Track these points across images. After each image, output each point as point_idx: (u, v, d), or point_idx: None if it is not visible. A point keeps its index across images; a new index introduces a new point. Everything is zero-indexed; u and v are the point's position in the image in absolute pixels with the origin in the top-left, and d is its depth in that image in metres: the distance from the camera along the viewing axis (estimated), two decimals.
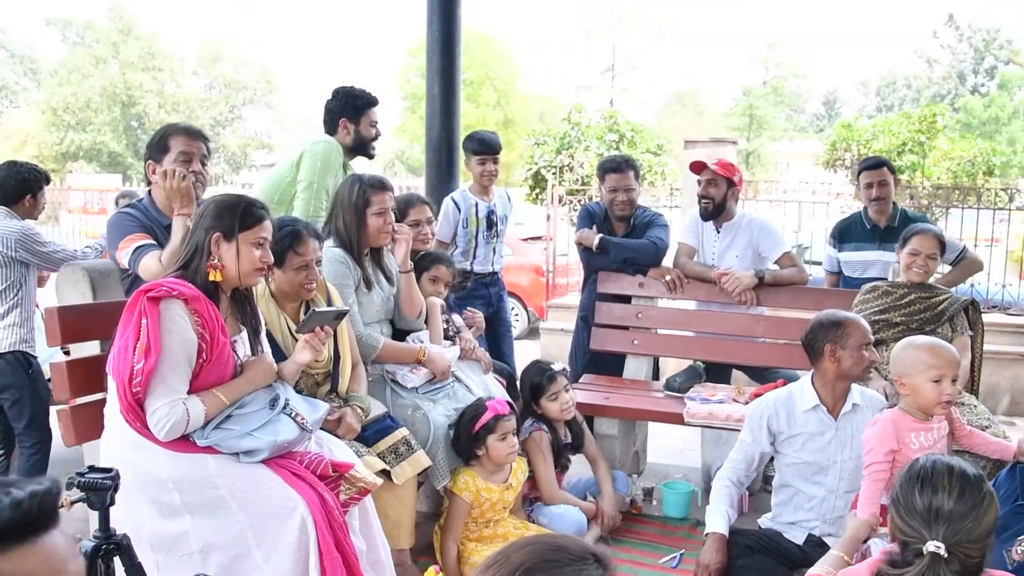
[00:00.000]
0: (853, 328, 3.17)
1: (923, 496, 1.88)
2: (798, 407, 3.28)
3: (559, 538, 1.30)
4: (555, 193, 9.42)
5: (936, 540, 1.81)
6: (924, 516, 1.86)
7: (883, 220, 4.65)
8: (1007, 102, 38.47)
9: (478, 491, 3.51)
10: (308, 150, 4.01)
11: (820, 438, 3.24)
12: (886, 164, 4.71)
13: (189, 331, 2.50)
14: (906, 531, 1.89)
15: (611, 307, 4.89)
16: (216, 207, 2.65)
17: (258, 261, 2.67)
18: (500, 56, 33.46)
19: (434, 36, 4.75)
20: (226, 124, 37.05)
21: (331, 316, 2.95)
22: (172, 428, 2.47)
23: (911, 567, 1.84)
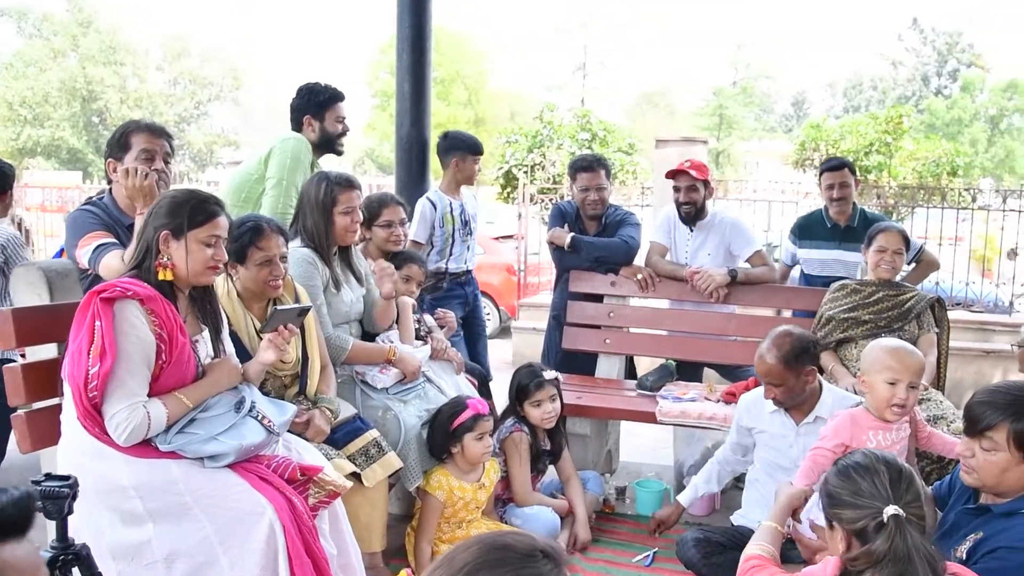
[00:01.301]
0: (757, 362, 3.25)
1: (863, 478, 1.98)
2: (765, 408, 3.38)
3: (507, 535, 1.26)
4: (526, 192, 9.41)
5: (891, 505, 1.90)
6: (871, 491, 1.94)
7: (843, 220, 4.71)
8: (969, 104, 39.10)
9: (451, 490, 3.48)
10: (277, 147, 3.95)
11: (782, 441, 3.33)
12: (847, 165, 4.76)
13: (146, 332, 2.44)
14: (857, 515, 1.93)
15: (583, 306, 4.87)
16: (166, 204, 2.58)
17: (209, 259, 2.59)
18: (471, 54, 33.41)
19: (404, 33, 4.70)
20: (191, 121, 36.45)
21: (294, 314, 2.89)
22: (133, 433, 2.41)
23: (878, 540, 1.88)
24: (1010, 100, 39.36)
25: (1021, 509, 2.29)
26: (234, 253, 3.00)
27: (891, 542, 1.87)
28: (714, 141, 38.37)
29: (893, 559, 1.86)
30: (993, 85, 40.57)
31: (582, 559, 3.68)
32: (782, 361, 3.16)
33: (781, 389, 3.21)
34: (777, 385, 3.21)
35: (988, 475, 2.32)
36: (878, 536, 1.89)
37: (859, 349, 3.98)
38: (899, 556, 1.86)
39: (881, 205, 9.61)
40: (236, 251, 3.00)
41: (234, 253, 3.00)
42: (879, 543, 1.88)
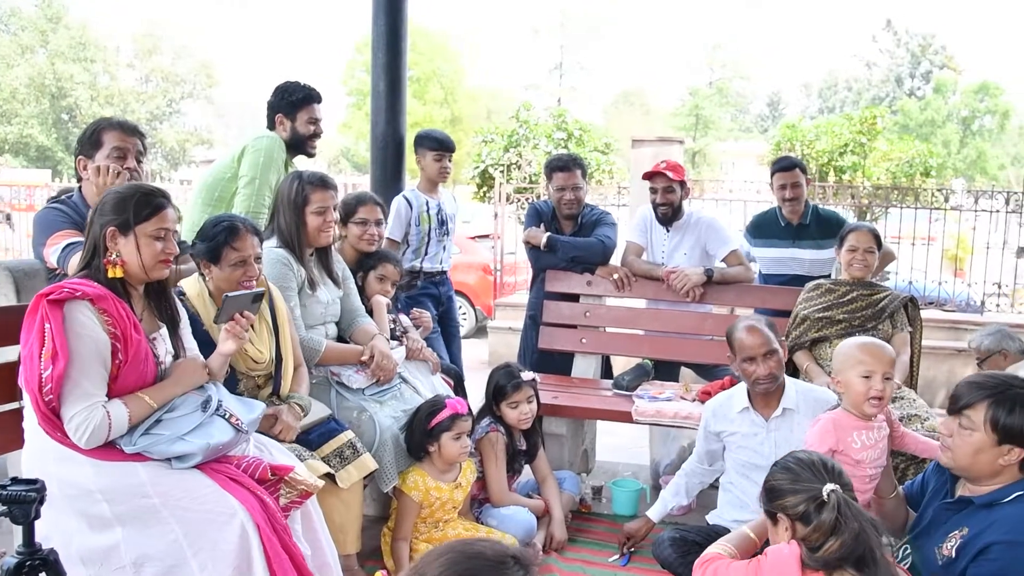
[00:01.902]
0: (737, 344, 3.31)
1: (800, 467, 2.19)
2: (734, 408, 3.41)
3: (477, 543, 1.28)
4: (503, 191, 9.40)
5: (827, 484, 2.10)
6: (809, 477, 2.14)
7: (796, 218, 4.75)
8: (942, 105, 39.55)
9: (427, 490, 3.46)
10: (251, 145, 3.91)
11: (753, 439, 3.34)
12: (798, 165, 4.79)
13: (99, 332, 2.40)
14: (800, 499, 2.12)
15: (559, 306, 4.87)
16: (111, 200, 2.53)
17: (160, 253, 2.55)
18: (447, 53, 33.32)
19: (380, 31, 4.66)
20: (163, 118, 36.08)
21: (248, 300, 2.83)
22: (93, 434, 2.37)
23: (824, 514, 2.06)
24: (981, 102, 39.86)
25: (1001, 499, 2.32)
26: (208, 253, 2.98)
27: (837, 511, 2.05)
28: (690, 141, 38.55)
29: (845, 525, 2.04)
30: (965, 87, 41.07)
31: (558, 559, 3.68)
32: (772, 328, 3.31)
33: (775, 359, 3.27)
34: (773, 353, 3.26)
35: (962, 455, 2.38)
36: (823, 511, 2.07)
37: (833, 348, 4.00)
38: (848, 521, 2.04)
39: (855, 205, 9.69)
40: (210, 251, 2.97)
41: (208, 253, 2.98)
42: (825, 515, 2.06)
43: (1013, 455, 2.31)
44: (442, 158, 4.72)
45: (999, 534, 2.25)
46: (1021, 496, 2.30)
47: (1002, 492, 2.33)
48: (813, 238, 4.67)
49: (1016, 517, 2.27)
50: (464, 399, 4.19)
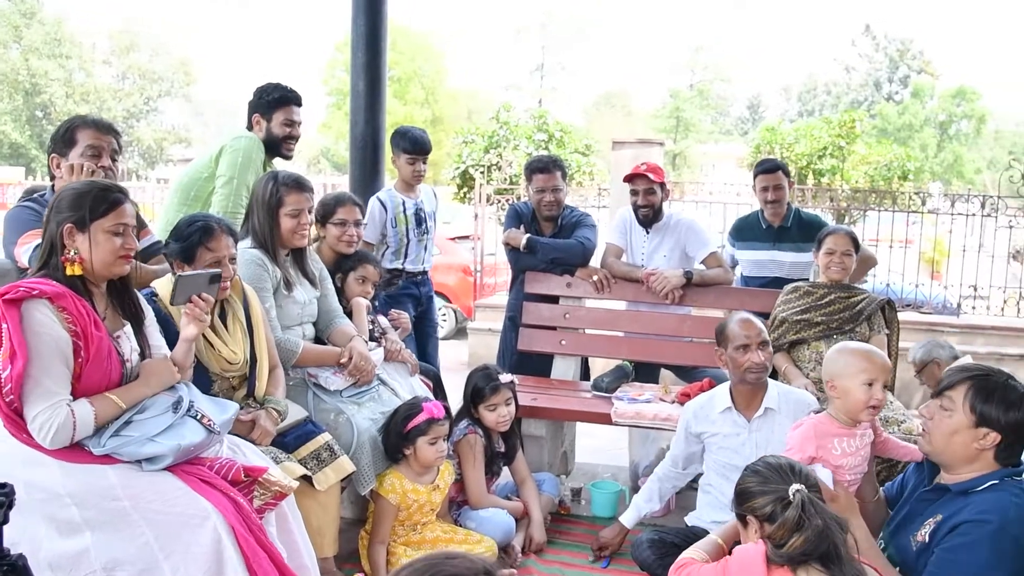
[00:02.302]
0: (729, 332, 3.32)
1: (768, 471, 2.25)
2: (715, 408, 3.41)
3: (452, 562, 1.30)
4: (483, 192, 9.38)
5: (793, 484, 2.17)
6: (775, 478, 2.21)
7: (778, 221, 4.75)
8: (919, 110, 39.97)
9: (405, 492, 3.44)
10: (229, 145, 3.88)
11: (735, 439, 3.35)
12: (781, 168, 4.80)
13: (59, 330, 2.36)
14: (767, 500, 2.18)
15: (539, 307, 4.86)
16: (67, 197, 2.50)
17: (119, 249, 2.51)
18: (428, 53, 33.27)
19: (359, 30, 4.63)
20: (140, 116, 35.63)
21: (204, 280, 2.77)
22: (57, 433, 2.34)
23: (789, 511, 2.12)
24: (958, 107, 40.30)
25: (976, 487, 2.36)
26: (182, 253, 2.95)
27: (801, 508, 2.11)
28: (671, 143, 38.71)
29: (808, 523, 2.10)
30: (942, 92, 41.51)
31: (537, 561, 3.67)
32: None
33: (768, 351, 3.31)
34: (766, 344, 3.31)
35: (939, 436, 2.42)
36: (788, 510, 2.13)
37: (811, 351, 4.04)
38: (812, 518, 2.10)
39: (834, 208, 9.76)
40: (185, 251, 2.94)
41: (182, 253, 2.95)
42: (790, 512, 2.12)
43: (988, 440, 2.35)
44: (415, 161, 4.65)
45: (970, 515, 2.30)
46: (995, 485, 2.34)
47: (977, 480, 2.37)
48: (794, 241, 4.68)
49: (989, 501, 2.31)
50: (443, 401, 4.18)
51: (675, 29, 73.78)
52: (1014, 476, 2.37)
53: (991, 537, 2.24)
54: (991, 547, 2.23)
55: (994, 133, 44.44)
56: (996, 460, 2.38)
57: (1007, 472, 2.37)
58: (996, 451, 2.36)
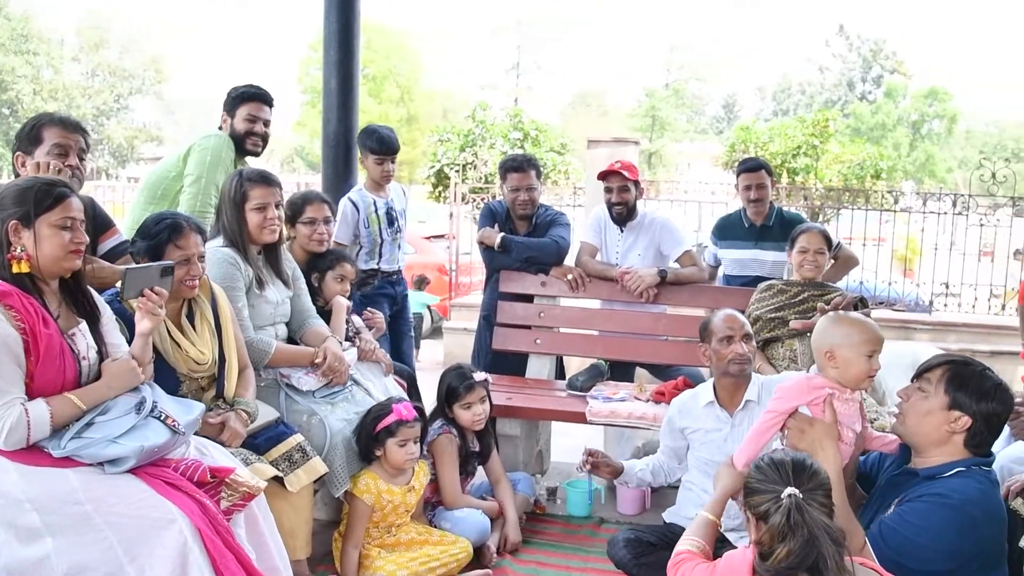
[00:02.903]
0: (712, 326, 3.34)
1: (771, 468, 2.13)
2: (699, 403, 3.42)
3: None
4: (458, 191, 9.36)
5: (789, 487, 2.05)
6: (775, 477, 2.10)
7: (760, 220, 4.77)
8: (892, 109, 40.35)
9: (379, 493, 3.40)
10: (198, 144, 3.84)
11: (717, 434, 3.35)
12: (764, 167, 4.81)
13: (7, 328, 2.31)
14: (763, 499, 2.07)
15: (513, 306, 4.84)
16: (11, 194, 2.45)
17: (68, 243, 2.47)
18: (403, 51, 33.11)
19: (332, 28, 4.58)
20: (111, 114, 34.99)
21: (156, 273, 2.71)
22: (10, 433, 2.29)
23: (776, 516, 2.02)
24: (930, 107, 40.73)
25: (943, 473, 2.39)
26: (150, 251, 2.91)
27: (787, 515, 2.00)
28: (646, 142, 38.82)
29: (793, 532, 1.98)
30: (915, 92, 41.93)
31: (513, 561, 3.65)
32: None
33: (751, 344, 3.34)
34: (750, 337, 3.33)
35: (913, 417, 2.47)
36: (776, 514, 2.02)
37: (785, 348, 4.05)
38: (797, 528, 1.98)
39: (808, 207, 9.82)
40: (153, 248, 2.90)
41: (150, 251, 2.91)
42: (776, 517, 2.01)
43: (959, 423, 2.38)
44: (384, 161, 4.56)
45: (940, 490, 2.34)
46: (962, 471, 2.38)
47: (945, 467, 2.40)
48: (776, 240, 4.68)
49: (953, 483, 2.35)
50: (418, 401, 4.16)
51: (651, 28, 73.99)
52: (983, 466, 2.41)
53: (950, 509, 2.28)
54: (946, 518, 2.28)
55: (965, 133, 44.98)
56: (966, 447, 2.40)
57: (975, 461, 2.40)
58: (967, 437, 2.39)
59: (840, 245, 4.75)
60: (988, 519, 2.30)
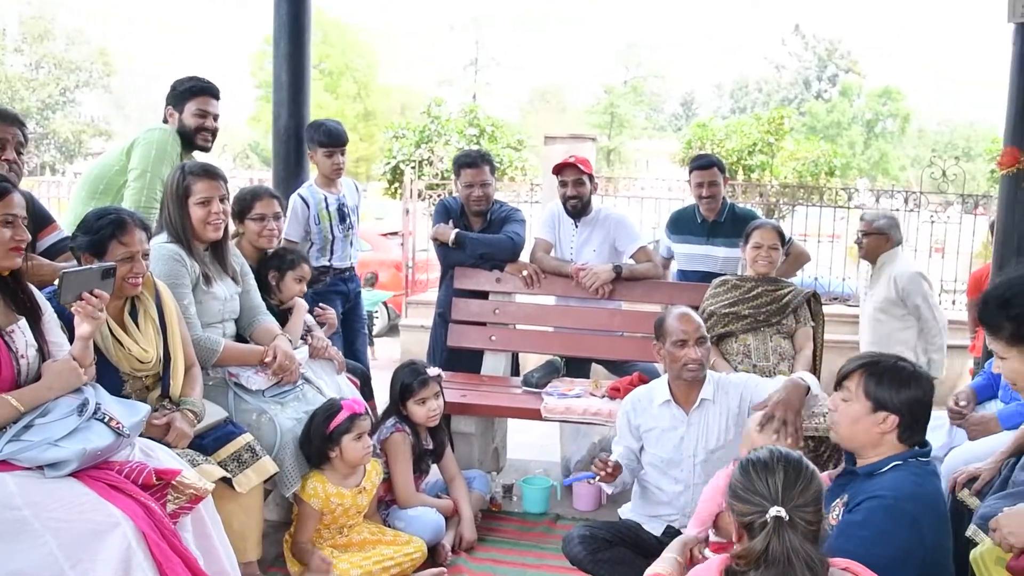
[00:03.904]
0: (668, 328, 3.30)
1: (758, 476, 1.99)
2: (654, 401, 3.39)
3: None
4: (414, 188, 9.29)
5: (776, 505, 1.92)
6: (763, 491, 1.97)
7: (712, 216, 4.79)
8: (847, 108, 40.95)
9: (328, 497, 3.35)
10: (141, 138, 3.75)
11: (673, 433, 3.32)
12: (716, 164, 4.83)
13: None
14: (748, 510, 1.97)
15: (468, 303, 4.81)
16: None
17: (9, 241, 2.42)
18: (360, 46, 32.87)
19: (281, 20, 4.49)
20: (57, 108, 34.02)
21: (96, 276, 2.64)
22: None
23: (757, 540, 1.91)
24: (884, 106, 41.42)
25: (880, 469, 2.41)
26: (92, 246, 2.82)
27: (768, 542, 1.89)
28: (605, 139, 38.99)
29: (770, 561, 1.89)
30: (869, 91, 42.60)
31: (468, 559, 3.63)
32: None
33: (706, 348, 3.30)
34: (704, 340, 3.29)
35: (843, 426, 2.48)
36: (759, 535, 1.92)
37: (739, 343, 4.08)
38: (775, 558, 1.88)
39: (763, 203, 9.91)
40: (94, 244, 2.81)
41: (92, 246, 2.82)
42: (757, 542, 1.91)
43: (888, 423, 2.40)
44: (333, 154, 4.48)
45: (871, 491, 2.35)
46: (898, 465, 2.39)
47: (881, 463, 2.42)
48: (727, 236, 4.70)
49: (888, 480, 2.37)
50: (371, 399, 4.11)
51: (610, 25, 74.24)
52: (920, 456, 2.43)
53: (884, 511, 2.29)
54: (883, 521, 2.28)
55: (918, 132, 45.81)
56: (901, 441, 2.42)
57: (912, 453, 2.42)
58: (899, 432, 2.41)
59: (791, 241, 4.78)
60: (926, 511, 2.32)
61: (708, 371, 3.39)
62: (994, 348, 2.22)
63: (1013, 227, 4.43)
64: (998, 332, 2.18)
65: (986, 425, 3.28)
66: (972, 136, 41.13)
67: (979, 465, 2.94)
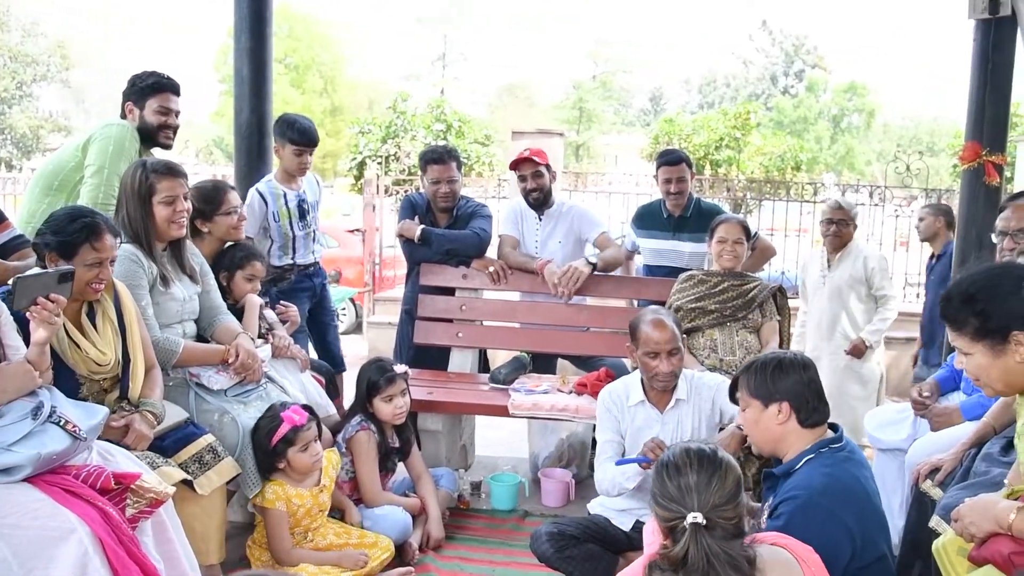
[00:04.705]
0: (642, 336, 3.27)
1: (671, 481, 2.00)
2: (630, 400, 3.37)
3: None
4: (381, 183, 9.23)
5: (693, 512, 1.92)
6: (677, 496, 1.97)
7: (678, 211, 4.79)
8: (814, 103, 41.41)
9: (289, 498, 3.31)
10: (98, 133, 3.66)
11: (648, 432, 3.30)
12: (684, 160, 4.83)
13: None
14: (668, 516, 1.98)
15: (434, 300, 4.78)
16: None
17: None
18: (326, 41, 32.63)
19: (242, 13, 4.41)
20: (13, 102, 33.14)
21: (51, 281, 2.56)
22: None
23: (677, 546, 1.92)
24: (850, 101, 41.93)
25: (795, 466, 2.44)
26: (62, 247, 2.74)
27: (686, 548, 1.91)
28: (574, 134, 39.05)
29: (689, 566, 1.90)
30: (835, 86, 43.08)
31: (436, 558, 3.61)
32: (677, 323, 3.28)
33: (678, 357, 3.26)
34: (677, 351, 3.25)
35: (752, 433, 2.59)
36: (679, 540, 1.93)
37: (706, 338, 4.09)
38: (695, 563, 1.90)
39: (730, 198, 9.97)
40: (65, 246, 2.73)
41: (62, 247, 2.74)
42: (677, 548, 1.92)
43: (784, 412, 2.46)
44: (303, 153, 4.40)
45: (785, 495, 2.38)
46: (810, 460, 2.43)
47: (795, 460, 2.46)
48: (693, 231, 4.70)
49: (801, 477, 2.40)
50: (337, 397, 4.07)
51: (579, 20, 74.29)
52: (832, 445, 2.46)
53: (799, 511, 2.31)
54: (801, 520, 2.29)
55: (883, 127, 46.37)
56: (805, 426, 2.47)
57: (822, 443, 2.46)
58: (797, 418, 2.46)
59: (757, 235, 4.80)
60: (841, 500, 2.34)
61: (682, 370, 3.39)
62: (957, 344, 2.22)
63: (973, 221, 4.47)
64: (963, 328, 2.18)
65: (948, 416, 3.31)
66: (936, 131, 41.69)
67: (941, 456, 2.97)
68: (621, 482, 3.16)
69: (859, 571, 2.34)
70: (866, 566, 2.35)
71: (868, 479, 2.49)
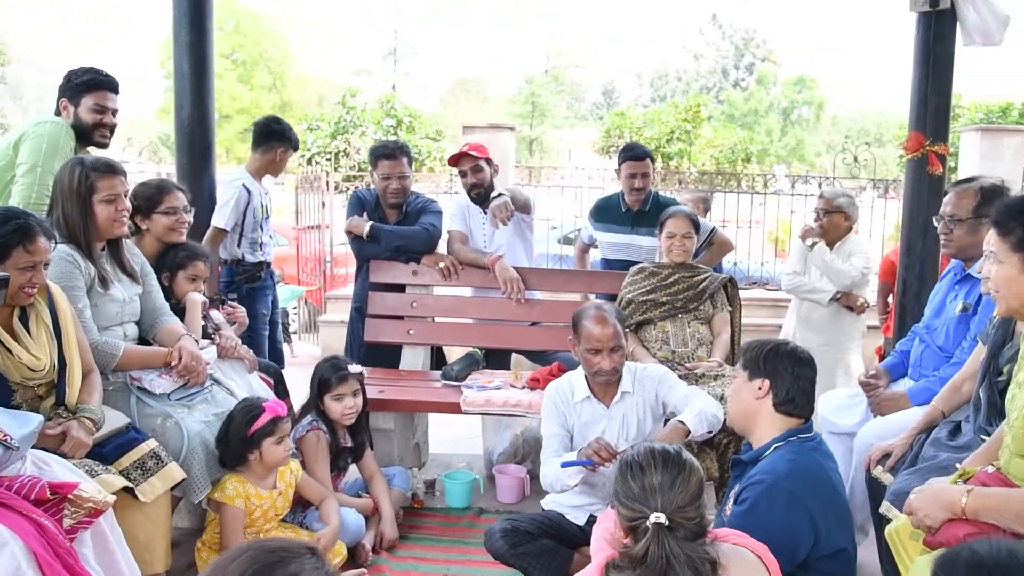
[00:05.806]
0: (584, 332, 3.23)
1: (635, 480, 2.00)
2: (575, 397, 3.35)
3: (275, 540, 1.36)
4: (330, 179, 9.13)
5: (655, 512, 1.93)
6: (640, 495, 1.98)
7: (637, 206, 4.78)
8: (764, 96, 41.95)
9: (249, 497, 3.24)
10: (31, 131, 3.54)
11: (595, 427, 3.29)
12: (649, 156, 4.83)
13: None
14: (630, 516, 1.98)
15: (384, 297, 4.72)
16: None
17: None
18: (274, 36, 32.21)
19: (181, 7, 4.28)
20: None
21: None
22: None
23: (638, 545, 1.93)
24: (799, 94, 42.54)
25: (763, 453, 2.48)
26: None
27: (647, 548, 1.91)
28: (527, 129, 39.07)
29: (648, 564, 1.90)
30: (785, 79, 43.67)
31: (389, 558, 3.57)
32: (620, 319, 3.25)
33: (620, 354, 3.22)
34: (619, 348, 3.21)
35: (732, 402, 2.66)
36: (639, 540, 1.94)
37: (658, 330, 4.09)
38: (653, 562, 1.90)
39: (683, 190, 10.02)
40: None
41: None
42: (638, 548, 1.93)
43: (763, 388, 2.52)
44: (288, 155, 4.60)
45: (750, 480, 2.41)
46: (779, 447, 2.47)
47: (764, 447, 2.49)
48: (651, 225, 4.67)
49: (767, 462, 2.44)
50: (285, 397, 3.99)
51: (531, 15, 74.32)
52: (801, 434, 2.50)
53: (764, 495, 2.35)
54: (765, 505, 2.33)
55: (832, 119, 47.14)
56: (778, 410, 2.51)
57: (790, 432, 2.50)
58: (773, 399, 2.51)
59: (715, 231, 4.83)
60: (804, 485, 2.37)
61: (626, 362, 3.37)
62: (995, 249, 2.22)
63: (919, 210, 4.52)
64: (1008, 235, 2.20)
65: (896, 401, 3.36)
66: (883, 123, 42.48)
67: (892, 442, 3.00)
68: (564, 479, 3.13)
69: (820, 560, 2.37)
70: (828, 555, 2.37)
71: (834, 470, 2.52)
